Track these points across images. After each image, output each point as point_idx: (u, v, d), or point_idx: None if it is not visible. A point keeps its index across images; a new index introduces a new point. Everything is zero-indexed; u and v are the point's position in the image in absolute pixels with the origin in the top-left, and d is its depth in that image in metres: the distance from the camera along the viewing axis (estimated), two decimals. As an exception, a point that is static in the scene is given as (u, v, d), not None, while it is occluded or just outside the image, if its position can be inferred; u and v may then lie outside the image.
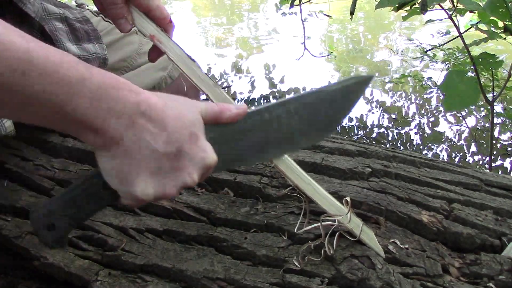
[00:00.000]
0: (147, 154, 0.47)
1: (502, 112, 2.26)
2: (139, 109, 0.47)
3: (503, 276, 0.62)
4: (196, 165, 0.50)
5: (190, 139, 0.50)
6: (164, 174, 0.49)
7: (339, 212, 0.62)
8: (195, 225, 0.68)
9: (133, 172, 0.47)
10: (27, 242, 0.65)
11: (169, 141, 0.48)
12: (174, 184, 0.49)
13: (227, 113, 0.55)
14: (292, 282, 0.59)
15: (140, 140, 0.47)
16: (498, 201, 0.77)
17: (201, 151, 0.50)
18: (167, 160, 0.48)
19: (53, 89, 0.42)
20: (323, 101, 0.62)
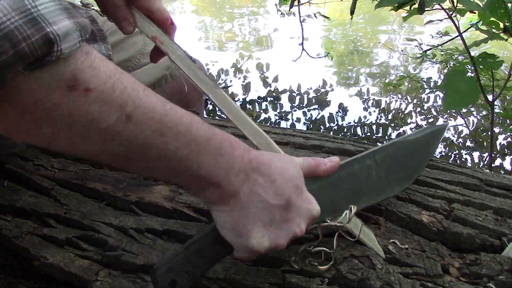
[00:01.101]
0: (260, 207, 0.51)
1: (502, 112, 2.26)
2: (251, 165, 0.51)
3: (503, 276, 0.62)
4: (304, 216, 0.53)
5: (296, 191, 0.53)
6: (276, 226, 0.51)
7: None
8: (195, 225, 0.67)
9: (249, 224, 0.50)
10: (27, 242, 0.65)
11: (278, 194, 0.51)
12: (286, 235, 0.52)
13: (323, 166, 0.60)
14: (292, 282, 0.59)
15: (253, 193, 0.51)
16: (498, 201, 0.77)
17: (307, 203, 0.54)
18: (278, 212, 0.51)
19: (185, 148, 0.47)
20: (405, 151, 0.69)
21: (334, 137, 0.97)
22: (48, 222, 0.68)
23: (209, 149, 0.48)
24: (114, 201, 0.72)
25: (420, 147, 0.71)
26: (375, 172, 0.66)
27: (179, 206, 0.70)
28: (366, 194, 0.65)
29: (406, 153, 0.70)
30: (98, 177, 0.76)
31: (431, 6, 1.41)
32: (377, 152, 0.67)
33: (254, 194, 0.51)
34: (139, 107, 0.43)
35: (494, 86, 1.59)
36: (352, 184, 0.64)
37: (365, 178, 0.65)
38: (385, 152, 0.67)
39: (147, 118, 0.44)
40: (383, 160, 0.66)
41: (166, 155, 0.46)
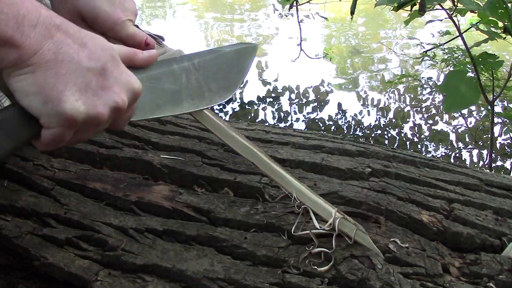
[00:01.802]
0: (71, 68, 0.45)
1: (502, 112, 2.25)
2: (54, 21, 0.45)
3: (503, 276, 0.62)
4: (124, 86, 0.49)
5: (112, 60, 0.48)
6: (93, 92, 0.46)
7: (329, 214, 0.63)
8: (195, 225, 0.68)
9: (60, 85, 0.44)
10: (27, 242, 0.65)
11: (92, 57, 0.46)
12: (105, 103, 0.47)
13: (139, 55, 0.57)
14: (292, 282, 0.59)
15: (61, 52, 0.44)
16: (498, 201, 0.77)
17: (126, 74, 0.50)
18: (93, 77, 0.46)
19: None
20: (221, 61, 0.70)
21: (334, 137, 0.97)
22: (48, 222, 0.68)
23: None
24: (114, 201, 0.72)
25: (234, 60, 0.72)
26: (194, 76, 0.66)
27: (179, 206, 0.70)
28: (187, 98, 0.65)
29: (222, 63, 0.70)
30: (98, 177, 0.76)
31: (431, 6, 1.41)
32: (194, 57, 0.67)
33: (63, 53, 0.44)
34: None
35: (494, 86, 1.59)
36: (172, 84, 0.63)
37: (185, 80, 0.65)
38: (202, 58, 0.67)
39: None
40: (200, 65, 0.67)
41: None
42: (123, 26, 0.63)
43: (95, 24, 0.63)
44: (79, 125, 0.46)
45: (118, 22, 0.63)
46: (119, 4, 0.64)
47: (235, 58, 0.72)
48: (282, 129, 1.01)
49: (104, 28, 0.63)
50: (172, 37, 3.15)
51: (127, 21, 0.64)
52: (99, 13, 0.62)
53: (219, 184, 0.76)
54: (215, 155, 0.82)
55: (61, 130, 0.45)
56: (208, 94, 0.67)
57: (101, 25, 0.63)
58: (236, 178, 0.76)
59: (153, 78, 0.60)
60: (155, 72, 0.60)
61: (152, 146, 0.84)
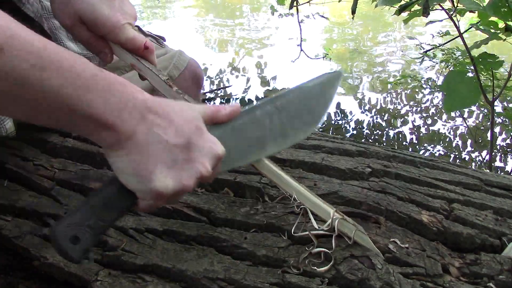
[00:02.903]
0: (160, 147, 0.49)
1: (502, 112, 2.25)
2: (147, 104, 0.48)
3: (503, 276, 0.62)
4: (207, 155, 0.52)
5: (196, 131, 0.51)
6: (179, 166, 0.50)
7: (328, 215, 0.63)
8: (195, 225, 0.68)
9: (150, 166, 0.48)
10: (27, 242, 0.65)
11: (178, 134, 0.50)
12: (190, 175, 0.50)
13: (222, 111, 0.59)
14: (292, 282, 0.59)
15: (151, 133, 0.48)
16: (498, 201, 0.77)
17: (209, 142, 0.53)
18: (179, 152, 0.50)
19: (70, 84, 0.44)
20: (304, 97, 0.69)
21: (334, 137, 0.97)
22: (48, 222, 0.68)
23: (97, 86, 0.46)
24: (114, 201, 0.72)
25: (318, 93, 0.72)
26: (278, 118, 0.65)
27: (179, 206, 0.70)
28: (271, 141, 0.65)
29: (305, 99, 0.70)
30: (98, 177, 0.76)
31: (432, 7, 1.41)
32: (277, 99, 0.67)
33: (153, 134, 0.49)
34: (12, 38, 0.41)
35: (494, 86, 1.59)
36: (256, 130, 0.64)
37: (268, 124, 0.65)
38: (285, 98, 0.68)
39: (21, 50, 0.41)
40: (283, 107, 0.67)
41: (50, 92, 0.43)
42: (122, 29, 0.64)
43: (95, 28, 0.64)
44: (169, 197, 0.50)
45: (117, 25, 0.63)
46: (119, 8, 0.65)
47: (319, 91, 0.71)
48: (282, 129, 1.01)
49: (103, 31, 0.64)
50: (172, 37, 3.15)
51: (126, 24, 0.64)
52: (98, 17, 0.63)
53: (219, 184, 0.76)
54: (215, 155, 0.82)
55: (154, 202, 0.51)
56: (291, 132, 0.67)
57: (100, 28, 0.63)
58: (236, 178, 0.76)
59: (237, 128, 0.62)
60: (239, 122, 0.61)
61: (152, 146, 0.84)
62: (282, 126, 0.66)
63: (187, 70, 1.03)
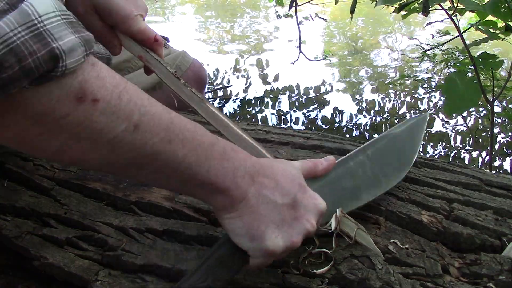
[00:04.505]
0: (269, 208, 0.51)
1: (502, 112, 2.25)
2: (255, 168, 0.52)
3: (503, 276, 0.62)
4: (312, 211, 0.54)
5: (300, 189, 0.54)
6: (287, 225, 0.52)
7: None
8: (195, 225, 0.67)
9: (262, 226, 0.51)
10: (27, 242, 0.65)
11: (284, 193, 0.52)
12: (298, 232, 0.53)
13: (320, 166, 0.62)
14: (292, 282, 0.59)
15: (261, 195, 0.51)
16: (498, 201, 0.77)
17: (313, 199, 0.55)
18: (287, 211, 0.52)
19: (192, 154, 0.47)
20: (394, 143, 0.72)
21: (334, 137, 0.97)
22: (48, 222, 0.68)
23: (214, 154, 0.49)
24: (114, 201, 0.72)
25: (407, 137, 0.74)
26: (370, 167, 0.67)
27: (179, 206, 0.70)
28: (365, 190, 0.66)
29: (395, 145, 0.72)
30: (98, 177, 0.76)
31: (431, 6, 1.41)
32: (368, 148, 0.69)
33: (262, 196, 0.51)
34: (145, 115, 0.44)
35: (494, 86, 1.59)
36: (350, 181, 0.65)
37: (361, 173, 0.67)
38: (375, 147, 0.70)
39: (154, 126, 0.44)
40: (374, 155, 0.69)
41: (175, 161, 0.46)
42: (135, 20, 0.64)
43: (108, 17, 0.64)
44: (280, 254, 0.52)
45: (130, 16, 0.64)
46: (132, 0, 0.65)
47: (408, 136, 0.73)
48: (282, 129, 1.01)
49: (116, 21, 0.64)
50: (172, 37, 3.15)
51: (138, 16, 0.65)
52: (113, 6, 0.64)
53: (219, 184, 0.76)
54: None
55: (265, 260, 0.53)
56: (384, 179, 0.69)
57: (113, 18, 0.64)
58: (236, 178, 0.75)
59: (333, 181, 0.63)
60: (334, 174, 0.64)
61: (152, 146, 0.84)
62: (374, 175, 0.68)
63: (190, 70, 1.03)
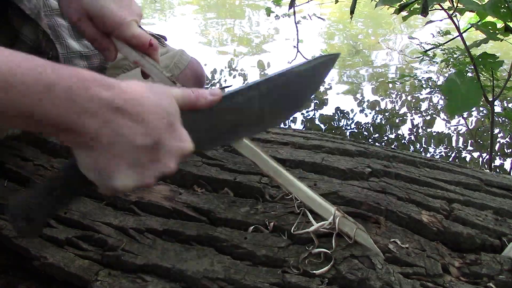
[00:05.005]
0: (124, 149, 0.47)
1: (502, 112, 2.25)
2: (113, 104, 0.46)
3: (503, 276, 0.62)
4: (173, 154, 0.50)
5: (167, 129, 0.49)
6: (142, 166, 0.48)
7: (329, 213, 0.63)
8: (195, 225, 0.67)
9: (112, 166, 0.47)
10: (27, 242, 0.65)
11: (147, 134, 0.48)
12: (152, 174, 0.49)
13: (202, 100, 0.56)
14: (292, 282, 0.59)
15: (116, 134, 0.46)
16: (498, 201, 0.77)
17: (178, 141, 0.51)
18: (145, 153, 0.48)
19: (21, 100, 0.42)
20: (292, 81, 0.65)
21: (334, 137, 0.97)
22: (48, 222, 0.68)
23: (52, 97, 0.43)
24: (114, 201, 0.72)
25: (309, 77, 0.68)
26: (259, 104, 0.63)
27: (179, 206, 0.70)
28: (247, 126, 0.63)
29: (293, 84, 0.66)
30: (98, 177, 0.75)
31: (431, 6, 1.41)
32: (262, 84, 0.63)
33: (118, 135, 0.46)
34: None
35: (494, 86, 1.59)
36: (234, 116, 0.61)
37: (248, 109, 0.62)
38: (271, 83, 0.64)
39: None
40: (268, 91, 0.63)
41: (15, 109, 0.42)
42: (128, 26, 0.64)
43: (102, 23, 0.64)
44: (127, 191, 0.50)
45: (124, 22, 0.63)
46: (126, 5, 0.65)
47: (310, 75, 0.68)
48: (282, 129, 1.01)
49: (110, 27, 0.64)
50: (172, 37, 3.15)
51: (132, 21, 0.65)
52: (106, 13, 0.63)
53: (219, 184, 0.76)
54: (215, 155, 0.82)
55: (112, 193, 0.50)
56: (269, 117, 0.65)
57: (107, 24, 0.64)
58: (236, 178, 0.76)
59: (215, 114, 0.59)
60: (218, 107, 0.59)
61: (152, 146, 0.84)
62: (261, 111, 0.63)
63: (188, 69, 1.03)
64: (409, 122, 2.35)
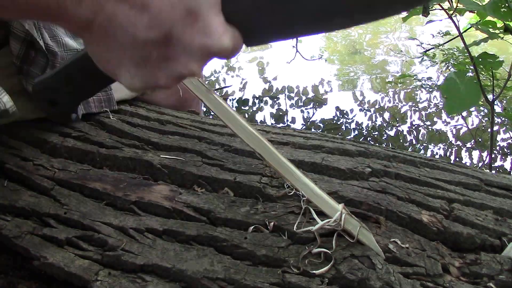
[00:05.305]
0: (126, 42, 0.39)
1: (502, 112, 2.26)
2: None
3: (503, 276, 0.62)
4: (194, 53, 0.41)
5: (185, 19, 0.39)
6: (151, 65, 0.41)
7: (334, 211, 0.62)
8: (195, 225, 0.67)
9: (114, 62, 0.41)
10: (27, 242, 0.65)
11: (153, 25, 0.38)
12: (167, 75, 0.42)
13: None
14: (292, 282, 0.59)
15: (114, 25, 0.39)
16: (498, 201, 0.77)
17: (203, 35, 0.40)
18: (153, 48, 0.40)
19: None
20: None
21: (334, 137, 0.97)
22: (48, 222, 0.68)
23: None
24: (114, 201, 0.72)
25: None
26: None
27: (179, 206, 0.70)
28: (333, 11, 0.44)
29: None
30: (98, 177, 0.76)
31: (431, 6, 1.41)
32: None
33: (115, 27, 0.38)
34: None
35: (494, 86, 1.59)
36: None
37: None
38: None
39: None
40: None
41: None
42: None
43: None
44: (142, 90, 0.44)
45: None
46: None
47: None
48: (282, 129, 1.01)
49: None
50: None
51: None
52: None
53: (219, 184, 0.76)
54: (215, 155, 0.82)
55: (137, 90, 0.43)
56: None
57: None
58: (236, 178, 0.76)
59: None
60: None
61: (152, 146, 0.84)
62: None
63: None
64: (409, 122, 2.36)
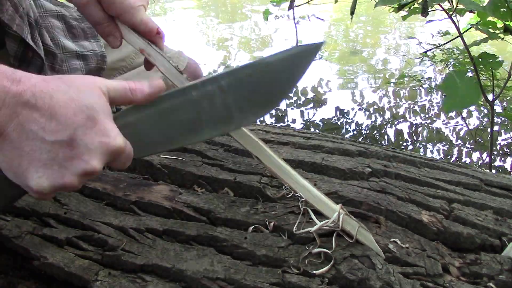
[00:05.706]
0: (35, 145, 0.45)
1: (502, 112, 2.26)
2: (21, 99, 0.44)
3: (503, 276, 0.62)
4: (95, 151, 0.47)
5: (86, 124, 0.46)
6: (58, 164, 0.46)
7: (332, 212, 0.62)
8: (195, 225, 0.67)
9: (24, 164, 0.45)
10: (27, 242, 0.65)
11: (59, 130, 0.45)
12: (72, 173, 0.47)
13: (138, 94, 0.53)
14: (292, 282, 0.59)
15: (26, 131, 0.44)
16: (498, 201, 0.77)
17: (100, 136, 0.47)
18: (59, 149, 0.46)
19: None
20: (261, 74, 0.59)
21: (334, 137, 0.97)
22: (48, 222, 0.68)
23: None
24: (114, 201, 0.72)
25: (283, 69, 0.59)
26: (221, 100, 0.57)
27: (179, 206, 0.70)
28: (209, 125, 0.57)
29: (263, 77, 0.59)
30: (98, 177, 0.76)
31: (431, 6, 1.42)
32: (223, 77, 0.57)
33: (27, 132, 0.44)
34: None
35: (494, 86, 1.59)
36: (190, 114, 0.56)
37: (208, 106, 0.56)
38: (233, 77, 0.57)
39: None
40: (231, 86, 0.57)
41: None
42: (138, 10, 0.62)
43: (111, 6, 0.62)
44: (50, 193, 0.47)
45: (134, 5, 0.62)
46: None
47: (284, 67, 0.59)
48: (282, 129, 1.01)
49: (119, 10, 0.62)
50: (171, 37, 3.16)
51: (141, 6, 0.63)
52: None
53: (219, 184, 0.76)
54: (215, 155, 0.82)
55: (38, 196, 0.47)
56: (238, 115, 0.58)
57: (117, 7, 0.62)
58: (236, 178, 0.76)
59: (165, 111, 0.55)
60: (167, 104, 0.55)
61: (152, 146, 0.84)
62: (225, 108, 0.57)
63: (186, 70, 1.03)
64: (409, 122, 2.36)
